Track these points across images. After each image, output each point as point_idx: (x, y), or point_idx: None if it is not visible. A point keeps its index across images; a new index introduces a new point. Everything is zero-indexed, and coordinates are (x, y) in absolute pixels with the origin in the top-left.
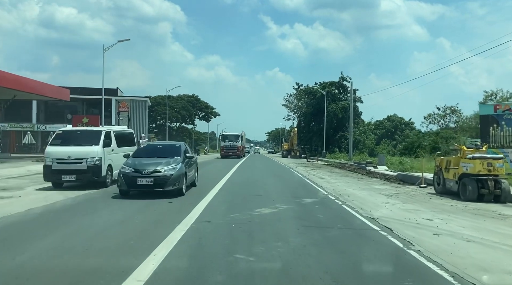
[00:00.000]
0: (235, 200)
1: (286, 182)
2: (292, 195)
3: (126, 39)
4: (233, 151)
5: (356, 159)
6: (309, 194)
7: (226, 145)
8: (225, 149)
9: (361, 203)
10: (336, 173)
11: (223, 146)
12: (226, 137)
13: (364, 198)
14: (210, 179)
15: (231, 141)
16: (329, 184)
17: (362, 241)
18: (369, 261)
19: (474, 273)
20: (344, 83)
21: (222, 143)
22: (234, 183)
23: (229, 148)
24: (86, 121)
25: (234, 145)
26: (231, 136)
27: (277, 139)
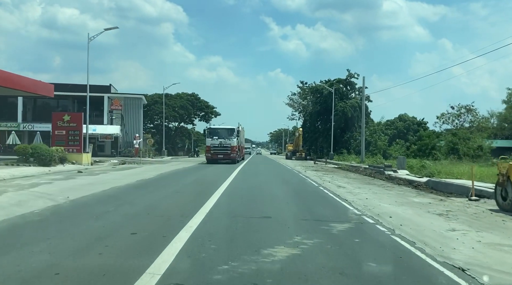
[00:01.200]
0: (232, 228)
1: (299, 192)
2: (313, 216)
3: (113, 27)
4: (225, 152)
5: (369, 161)
6: (335, 214)
7: (215, 143)
8: (212, 150)
9: (416, 231)
10: (353, 179)
11: (210, 146)
12: (215, 132)
13: (414, 221)
14: (197, 193)
15: (221, 139)
16: (353, 195)
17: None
18: None
19: None
20: (352, 81)
21: (209, 140)
22: (232, 196)
23: (219, 148)
24: (68, 119)
25: (226, 143)
26: (222, 131)
27: (280, 140)
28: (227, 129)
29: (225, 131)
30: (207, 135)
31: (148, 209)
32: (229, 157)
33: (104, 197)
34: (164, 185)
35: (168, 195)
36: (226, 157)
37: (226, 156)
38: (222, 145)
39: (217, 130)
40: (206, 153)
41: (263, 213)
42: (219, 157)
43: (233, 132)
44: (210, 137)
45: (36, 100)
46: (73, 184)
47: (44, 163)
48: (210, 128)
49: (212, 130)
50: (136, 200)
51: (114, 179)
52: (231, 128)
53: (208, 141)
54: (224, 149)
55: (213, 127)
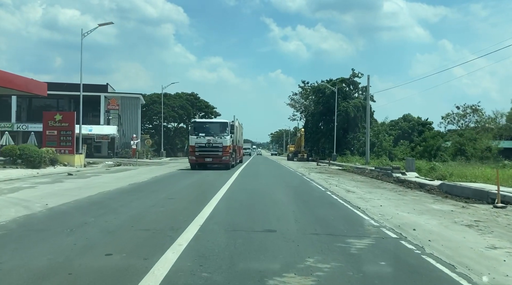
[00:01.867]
0: (229, 247)
1: (305, 198)
2: (325, 229)
3: (108, 22)
4: (214, 154)
5: (374, 163)
6: (350, 226)
7: (201, 142)
8: (198, 151)
9: (451, 250)
10: (361, 182)
11: (195, 145)
12: (202, 127)
13: (443, 236)
14: (187, 201)
15: (210, 136)
16: (365, 201)
17: None
18: None
19: None
20: (356, 80)
21: (193, 138)
22: (230, 202)
23: (206, 148)
24: (59, 118)
25: (216, 142)
26: (211, 127)
27: (280, 141)
28: (218, 124)
29: (215, 127)
30: (192, 131)
31: (133, 220)
32: (220, 160)
33: (87, 204)
34: (156, 190)
35: (159, 201)
36: (217, 161)
37: (216, 159)
38: (210, 144)
39: (204, 125)
40: (189, 155)
41: (266, 224)
42: (206, 160)
43: (225, 127)
44: (195, 134)
45: (31, 100)
46: (59, 188)
47: (33, 165)
48: (195, 122)
49: (198, 125)
50: (123, 207)
51: (104, 183)
52: (223, 122)
53: (192, 139)
54: (214, 149)
55: (199, 121)
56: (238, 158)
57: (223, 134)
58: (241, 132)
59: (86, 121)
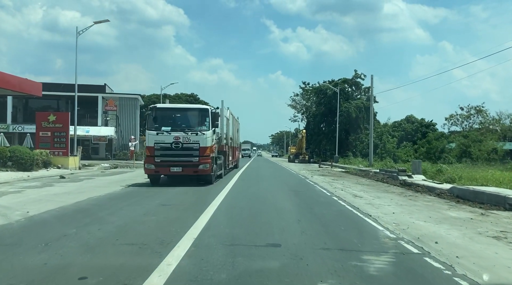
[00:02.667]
0: (227, 266)
1: (310, 205)
2: (336, 242)
3: (104, 20)
4: (185, 159)
5: (378, 165)
6: (363, 238)
7: (164, 141)
8: (160, 155)
9: (485, 269)
10: (367, 186)
11: (155, 145)
12: (165, 116)
13: (471, 250)
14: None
15: (179, 131)
16: (375, 208)
17: None
18: None
19: None
20: (358, 81)
21: (152, 134)
22: (229, 210)
23: (173, 150)
24: (53, 119)
25: (188, 141)
26: (182, 115)
27: (281, 142)
28: (193, 112)
29: (187, 115)
30: (150, 123)
31: (119, 232)
32: (196, 170)
33: (72, 212)
34: (151, 195)
35: (151, 208)
36: (189, 170)
37: (189, 166)
38: (179, 144)
39: (170, 114)
40: (145, 162)
41: (269, 237)
42: (173, 171)
43: (204, 117)
44: (154, 128)
45: (27, 100)
46: (46, 193)
47: (25, 168)
48: (155, 108)
49: (161, 113)
50: (110, 216)
51: (96, 187)
52: (201, 109)
53: (149, 136)
54: (184, 152)
55: (161, 107)
56: (233, 161)
57: (201, 128)
58: (237, 128)
59: (84, 122)
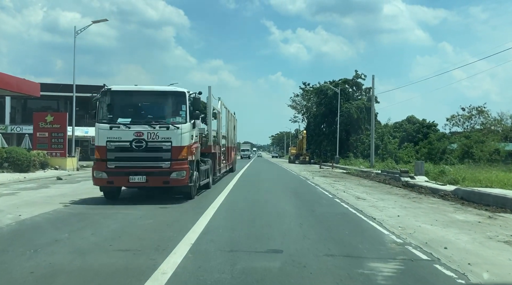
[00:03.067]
0: (225, 276)
1: (312, 207)
2: (340, 248)
3: (102, 19)
4: (150, 165)
5: (379, 166)
6: (369, 243)
7: (121, 139)
8: (113, 157)
9: (501, 278)
10: (369, 187)
11: (107, 145)
12: (122, 103)
13: (483, 256)
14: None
15: (142, 125)
16: (379, 210)
17: None
18: None
19: None
20: (359, 81)
21: (104, 128)
22: (229, 213)
23: (132, 152)
24: (51, 119)
25: (155, 139)
26: (146, 101)
27: (281, 143)
28: (161, 96)
29: (154, 102)
30: (101, 114)
31: (114, 237)
32: (167, 180)
33: (67, 215)
34: (149, 196)
35: (149, 211)
36: (157, 180)
37: (157, 175)
38: (142, 141)
39: (128, 99)
40: (94, 168)
41: (270, 242)
42: (133, 181)
43: (180, 104)
44: (106, 121)
45: (26, 101)
46: (41, 195)
47: (21, 169)
48: (109, 92)
49: (116, 97)
50: (106, 219)
51: (92, 188)
52: (174, 92)
53: (100, 132)
54: (150, 154)
55: (117, 91)
56: (226, 165)
57: (175, 119)
58: (234, 125)
59: (83, 123)
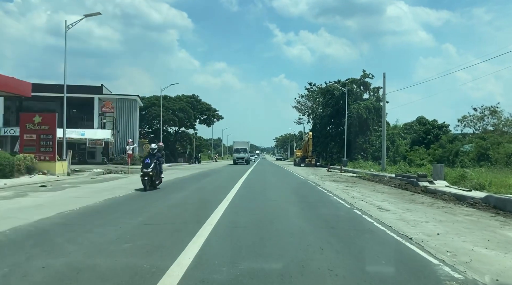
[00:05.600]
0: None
1: (333, 225)
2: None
3: (95, 13)
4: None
5: (391, 169)
6: (420, 281)
7: None
8: None
9: None
10: (387, 194)
11: None
12: None
13: None
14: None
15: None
16: (412, 226)
17: None
18: None
19: None
20: (367, 81)
21: None
22: (230, 232)
23: None
24: (39, 120)
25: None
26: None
27: (285, 146)
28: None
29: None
30: None
31: (71, 272)
32: None
33: (24, 236)
34: (135, 209)
35: (128, 230)
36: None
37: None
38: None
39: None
40: None
41: (285, 280)
42: None
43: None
44: None
45: (21, 102)
46: (10, 207)
47: (3, 174)
48: None
49: None
50: (70, 243)
51: (76, 197)
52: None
53: None
54: None
55: None
56: None
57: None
58: None
59: (80, 125)
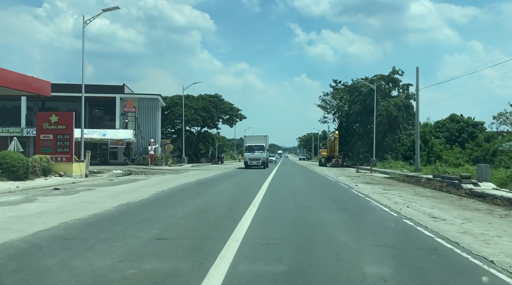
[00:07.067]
0: None
1: (384, 241)
2: None
3: (113, 7)
4: None
5: (426, 170)
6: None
7: None
8: None
9: None
10: (431, 198)
11: None
12: None
13: None
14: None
15: None
16: (483, 242)
17: None
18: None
19: None
20: (396, 77)
21: None
22: (258, 253)
23: None
24: (55, 120)
25: None
26: None
27: (309, 145)
28: None
29: None
30: None
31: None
32: None
33: (12, 254)
34: (147, 218)
35: (136, 248)
36: None
37: None
38: None
39: None
40: None
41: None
42: None
43: None
44: None
45: (44, 102)
46: (13, 214)
47: (17, 176)
48: None
49: None
50: (59, 268)
51: (87, 203)
52: None
53: None
54: None
55: None
56: None
57: None
58: None
59: (102, 124)
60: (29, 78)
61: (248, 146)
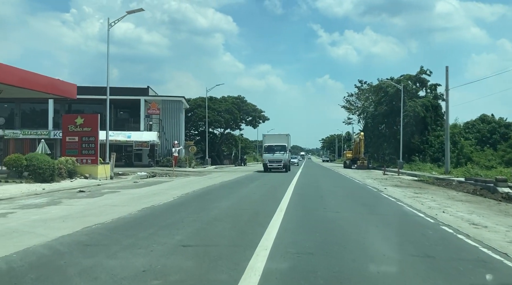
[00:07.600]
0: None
1: (425, 252)
2: None
3: (137, 9)
4: None
5: (457, 172)
6: None
7: None
8: None
9: None
10: (467, 203)
11: None
12: None
13: None
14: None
15: None
16: None
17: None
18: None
19: None
20: (424, 77)
21: None
22: (293, 255)
23: None
24: (81, 122)
25: None
26: None
27: (332, 147)
28: None
29: None
30: None
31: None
32: None
33: (34, 261)
34: (174, 222)
35: (162, 255)
36: None
37: None
38: None
39: None
40: None
41: None
42: None
43: None
44: None
45: (71, 105)
46: (36, 217)
47: (43, 179)
48: None
49: None
50: (93, 270)
51: (111, 206)
52: None
53: None
54: None
55: None
56: None
57: None
58: None
59: (127, 127)
60: (56, 81)
61: (267, 145)
